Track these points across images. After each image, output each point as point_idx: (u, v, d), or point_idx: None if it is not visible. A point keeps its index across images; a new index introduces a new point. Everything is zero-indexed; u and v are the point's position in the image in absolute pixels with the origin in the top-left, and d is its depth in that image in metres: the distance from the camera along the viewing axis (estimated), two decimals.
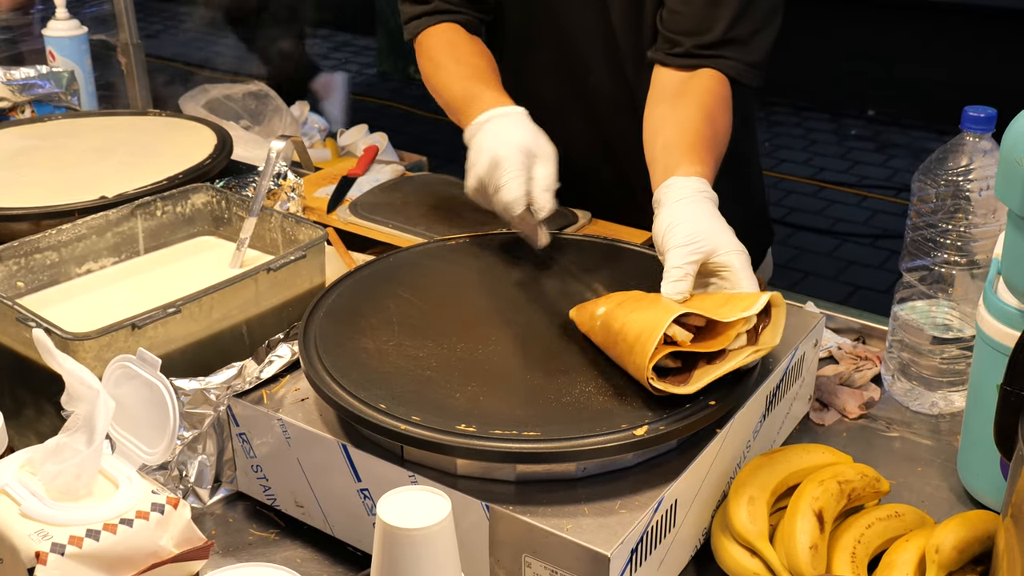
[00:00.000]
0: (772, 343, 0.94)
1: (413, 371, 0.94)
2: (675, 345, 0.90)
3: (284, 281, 1.10)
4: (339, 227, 1.50)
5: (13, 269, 1.11)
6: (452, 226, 1.46)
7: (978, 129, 1.09)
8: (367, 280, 1.10)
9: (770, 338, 0.94)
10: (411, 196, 1.57)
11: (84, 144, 1.50)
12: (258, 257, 1.21)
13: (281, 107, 1.98)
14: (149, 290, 1.15)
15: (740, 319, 0.91)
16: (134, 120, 1.60)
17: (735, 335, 0.92)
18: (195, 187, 1.27)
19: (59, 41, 1.76)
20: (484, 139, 1.21)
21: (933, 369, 1.16)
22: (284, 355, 1.01)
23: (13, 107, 1.62)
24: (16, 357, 1.01)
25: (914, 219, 1.15)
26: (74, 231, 1.16)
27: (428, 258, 1.16)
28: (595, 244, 1.20)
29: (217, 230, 1.28)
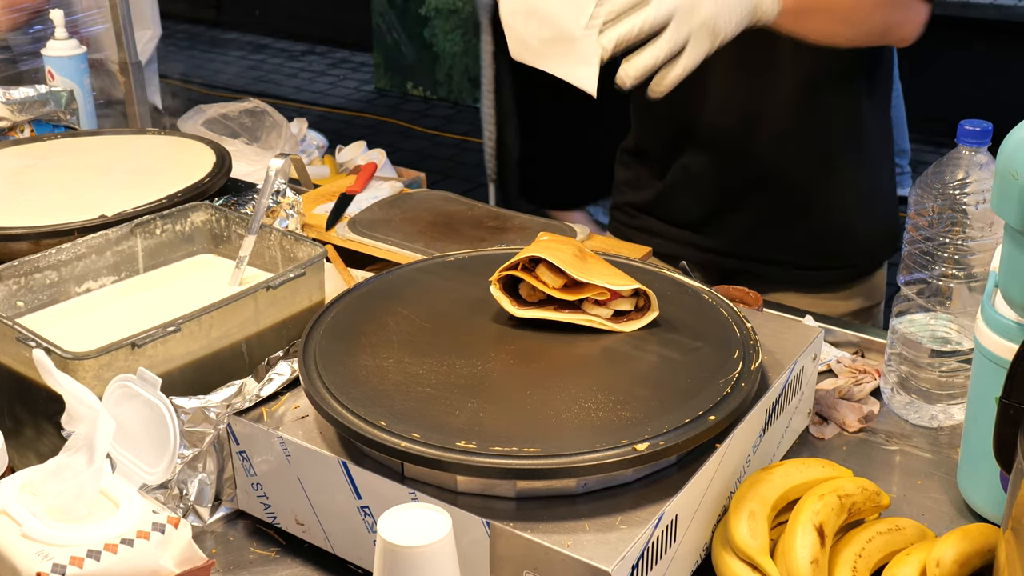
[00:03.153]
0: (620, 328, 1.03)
1: (413, 388, 0.94)
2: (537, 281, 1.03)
3: (283, 299, 1.10)
4: (338, 244, 1.51)
5: (13, 288, 1.12)
6: (451, 242, 1.47)
7: (974, 143, 1.09)
8: (366, 297, 1.10)
9: (627, 326, 1.04)
10: (409, 213, 1.57)
11: (83, 163, 1.51)
12: (257, 275, 1.22)
13: (279, 123, 1.98)
14: (149, 309, 1.15)
15: (594, 285, 1.02)
16: (133, 139, 1.61)
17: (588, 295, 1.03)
18: (194, 205, 1.28)
19: (58, 61, 1.76)
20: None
21: (932, 382, 1.16)
22: (284, 373, 1.02)
23: (12, 127, 1.63)
24: (16, 377, 1.01)
25: (911, 232, 1.15)
26: (74, 250, 1.16)
27: (427, 275, 1.16)
28: None
29: (216, 248, 1.29)
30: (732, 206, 1.55)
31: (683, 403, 0.91)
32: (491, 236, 1.50)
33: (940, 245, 1.12)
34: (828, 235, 1.55)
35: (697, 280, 1.16)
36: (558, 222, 1.55)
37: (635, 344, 1.01)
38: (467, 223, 1.54)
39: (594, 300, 1.04)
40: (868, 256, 1.60)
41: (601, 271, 1.05)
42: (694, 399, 0.92)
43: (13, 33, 1.99)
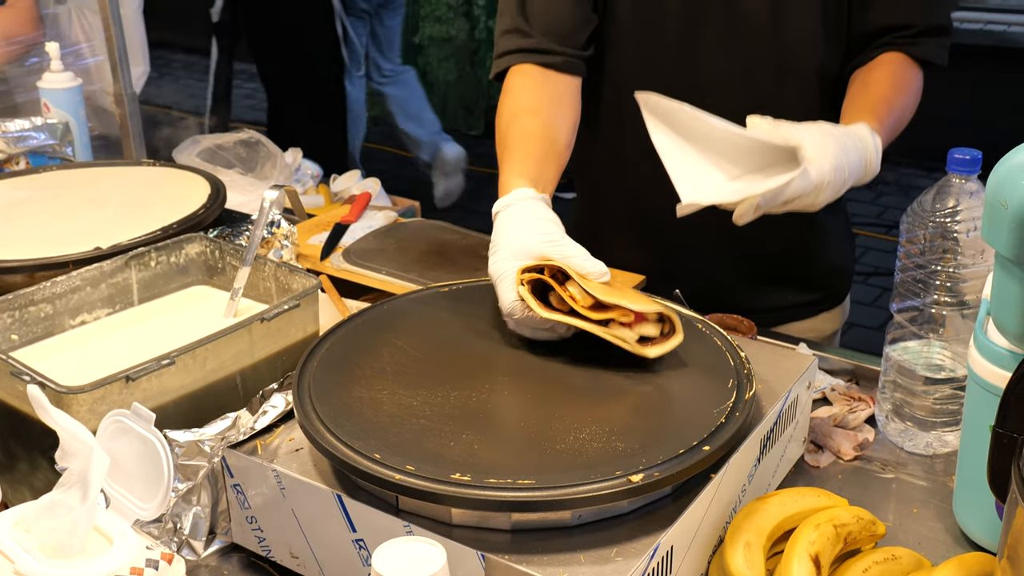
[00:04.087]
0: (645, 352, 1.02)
1: (407, 420, 0.94)
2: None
3: (278, 331, 1.10)
4: (333, 274, 1.51)
5: (8, 322, 1.12)
6: (445, 272, 1.47)
7: (964, 171, 1.10)
8: (361, 329, 1.10)
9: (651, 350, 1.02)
10: (404, 242, 1.58)
11: (78, 195, 1.51)
12: (252, 306, 1.22)
13: (274, 153, 1.99)
14: (143, 341, 1.15)
15: (620, 307, 1.01)
16: (128, 170, 1.61)
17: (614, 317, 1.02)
18: (189, 237, 1.28)
19: (54, 93, 1.77)
20: (495, 235, 1.18)
21: (926, 410, 1.16)
22: (278, 405, 1.01)
23: (8, 159, 1.63)
24: (9, 410, 1.01)
25: (903, 260, 1.16)
26: (69, 283, 1.17)
27: (422, 305, 1.16)
28: None
29: (211, 279, 1.29)
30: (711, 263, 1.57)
31: (677, 433, 0.91)
32: (485, 265, 1.48)
33: (932, 273, 1.12)
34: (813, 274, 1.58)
35: (690, 308, 1.16)
36: None
37: (629, 374, 1.01)
38: (461, 252, 1.54)
39: (619, 322, 1.02)
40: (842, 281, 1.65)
41: (627, 295, 1.04)
42: (688, 429, 0.92)
43: (9, 65, 2.00)
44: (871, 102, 1.34)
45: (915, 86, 1.39)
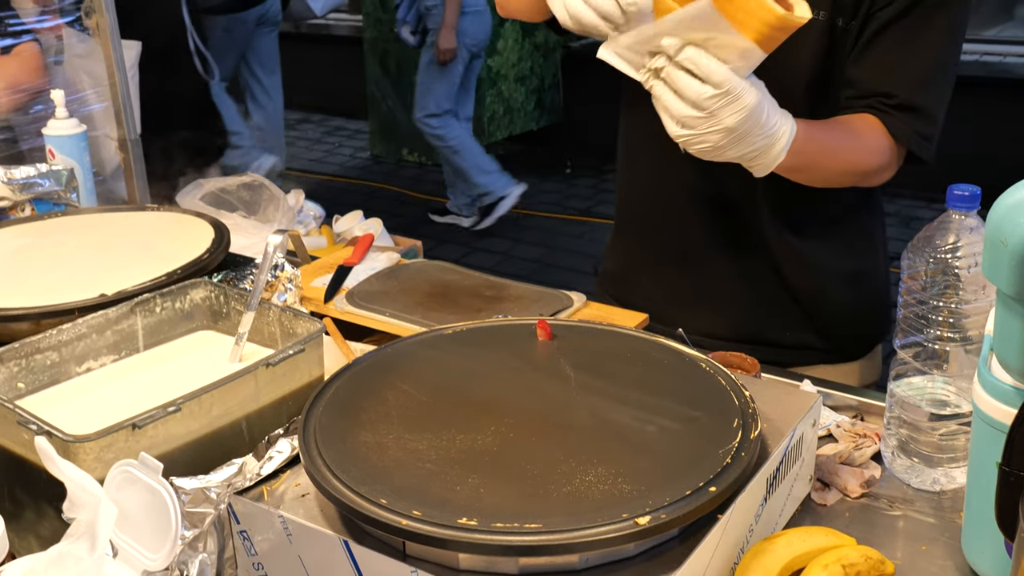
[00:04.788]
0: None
1: (413, 464, 0.94)
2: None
3: (283, 375, 1.11)
4: (336, 317, 1.52)
5: (14, 370, 1.12)
6: (448, 313, 1.48)
7: (963, 207, 1.11)
8: (365, 372, 1.11)
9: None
10: (407, 283, 1.58)
11: (83, 241, 1.52)
12: (257, 351, 1.22)
13: (276, 196, 2.00)
14: (149, 388, 1.16)
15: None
16: (132, 216, 1.62)
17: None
18: (193, 283, 1.29)
19: (58, 140, 1.78)
20: None
21: (932, 446, 1.16)
22: (284, 450, 1.02)
23: (13, 205, 1.64)
24: (16, 459, 1.01)
25: (905, 296, 1.16)
26: (74, 331, 1.17)
27: (426, 348, 1.16)
28: (592, 330, 1.21)
29: (216, 324, 1.29)
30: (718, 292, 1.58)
31: (683, 474, 0.91)
32: (488, 305, 1.50)
33: (934, 308, 1.13)
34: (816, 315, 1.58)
35: (694, 347, 1.16)
36: (554, 290, 1.56)
37: (634, 415, 1.02)
38: (464, 293, 1.55)
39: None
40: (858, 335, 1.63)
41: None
42: (694, 470, 0.92)
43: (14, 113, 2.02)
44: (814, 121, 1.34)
45: (869, 141, 1.38)
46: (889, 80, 1.38)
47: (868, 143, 1.39)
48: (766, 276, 1.55)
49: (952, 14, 1.38)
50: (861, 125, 1.40)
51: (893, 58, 1.38)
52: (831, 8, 1.38)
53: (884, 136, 1.39)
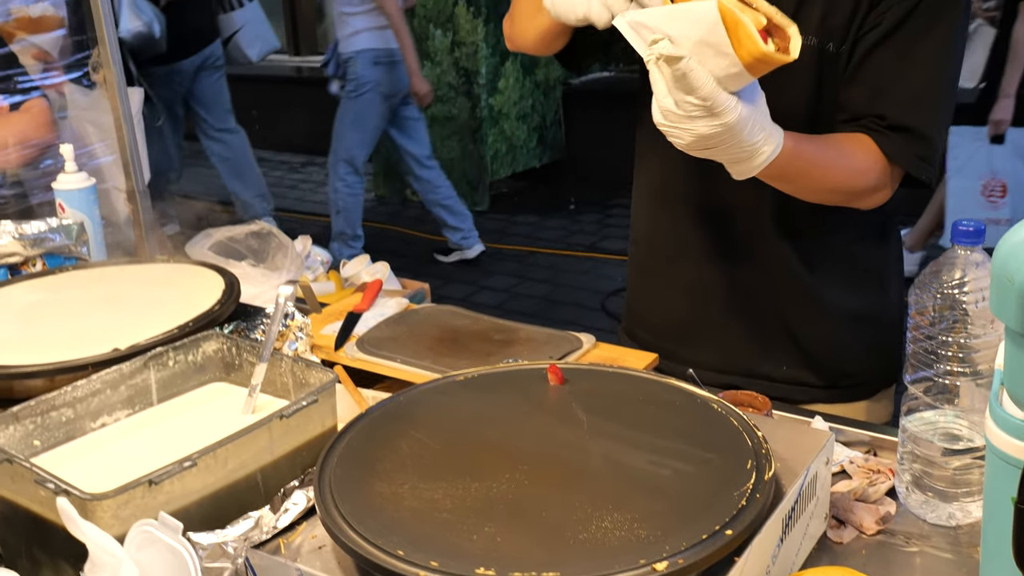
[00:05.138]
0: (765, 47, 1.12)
1: (429, 514, 0.95)
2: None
3: (297, 427, 1.11)
4: (347, 364, 1.52)
5: (30, 428, 1.13)
6: (459, 358, 1.48)
7: (968, 242, 1.11)
8: (378, 422, 1.11)
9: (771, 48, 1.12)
10: (417, 329, 1.59)
11: (94, 295, 1.53)
12: (270, 402, 1.23)
13: (285, 244, 2.01)
14: (164, 442, 1.16)
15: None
16: (142, 268, 1.64)
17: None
18: (206, 335, 1.29)
19: (68, 194, 1.80)
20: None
21: (947, 480, 1.16)
22: (300, 502, 1.02)
23: (25, 261, 1.66)
24: (33, 518, 1.01)
25: (913, 332, 1.16)
26: (89, 387, 1.18)
27: (438, 395, 1.17)
28: (603, 373, 1.21)
29: (228, 376, 1.30)
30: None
31: (699, 518, 0.91)
32: (497, 349, 1.51)
33: (943, 344, 1.13)
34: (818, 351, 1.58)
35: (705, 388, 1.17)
36: (563, 332, 1.56)
37: (648, 458, 1.02)
38: (473, 337, 1.56)
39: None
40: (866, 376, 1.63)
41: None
42: (710, 513, 0.92)
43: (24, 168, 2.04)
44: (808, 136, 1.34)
45: (859, 162, 1.38)
46: (879, 101, 1.38)
47: (858, 163, 1.38)
48: (769, 311, 1.56)
49: (944, 32, 1.37)
50: (853, 144, 1.39)
51: (883, 79, 1.38)
52: (820, 33, 1.39)
53: (876, 156, 1.38)
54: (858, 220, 1.49)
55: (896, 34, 1.36)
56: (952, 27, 1.37)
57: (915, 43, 1.36)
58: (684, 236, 1.57)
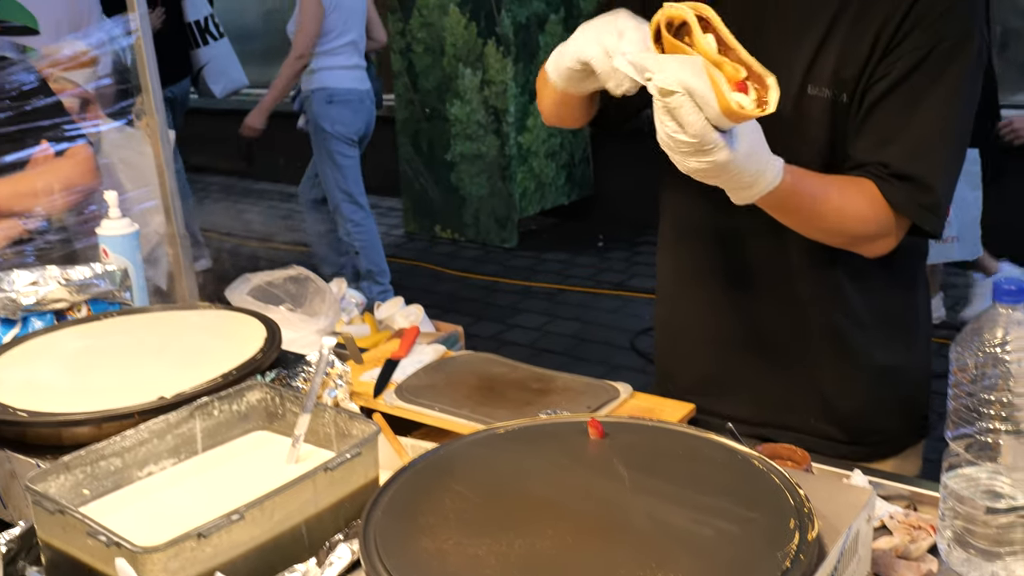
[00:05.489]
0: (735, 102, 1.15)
1: (474, 571, 0.95)
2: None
3: (341, 479, 1.13)
4: (386, 411, 1.54)
5: (80, 477, 1.15)
6: (497, 407, 1.50)
7: (1010, 301, 1.12)
8: (421, 475, 1.12)
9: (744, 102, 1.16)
10: (454, 377, 1.61)
11: (139, 341, 1.56)
12: (312, 451, 1.24)
13: (322, 288, 2.03)
14: (210, 491, 1.18)
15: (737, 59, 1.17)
16: (185, 315, 1.66)
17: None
18: (249, 385, 1.31)
19: (112, 240, 1.84)
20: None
21: (989, 538, 1.15)
22: (344, 556, 1.03)
23: (70, 307, 1.69)
24: (82, 567, 1.03)
25: (954, 389, 1.16)
26: (137, 436, 1.20)
27: (479, 448, 1.18)
28: (643, 427, 1.22)
29: (271, 425, 1.32)
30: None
31: None
32: (535, 399, 1.52)
33: (985, 401, 1.13)
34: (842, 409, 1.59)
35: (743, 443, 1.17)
36: (600, 381, 1.57)
37: (691, 516, 1.02)
38: (511, 386, 1.57)
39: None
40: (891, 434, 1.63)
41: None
42: (753, 574, 0.92)
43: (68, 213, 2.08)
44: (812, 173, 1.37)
45: (861, 208, 1.39)
46: (884, 150, 1.39)
47: (859, 208, 1.39)
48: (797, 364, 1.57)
49: (953, 79, 1.37)
50: (856, 188, 1.39)
51: (889, 128, 1.39)
52: (833, 85, 1.41)
53: (880, 203, 1.39)
54: (886, 270, 1.49)
55: (905, 83, 1.37)
56: (962, 74, 1.38)
57: (924, 91, 1.37)
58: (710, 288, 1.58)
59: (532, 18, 6.28)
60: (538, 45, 6.35)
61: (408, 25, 6.51)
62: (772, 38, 1.44)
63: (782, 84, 1.20)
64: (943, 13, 1.36)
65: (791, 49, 1.43)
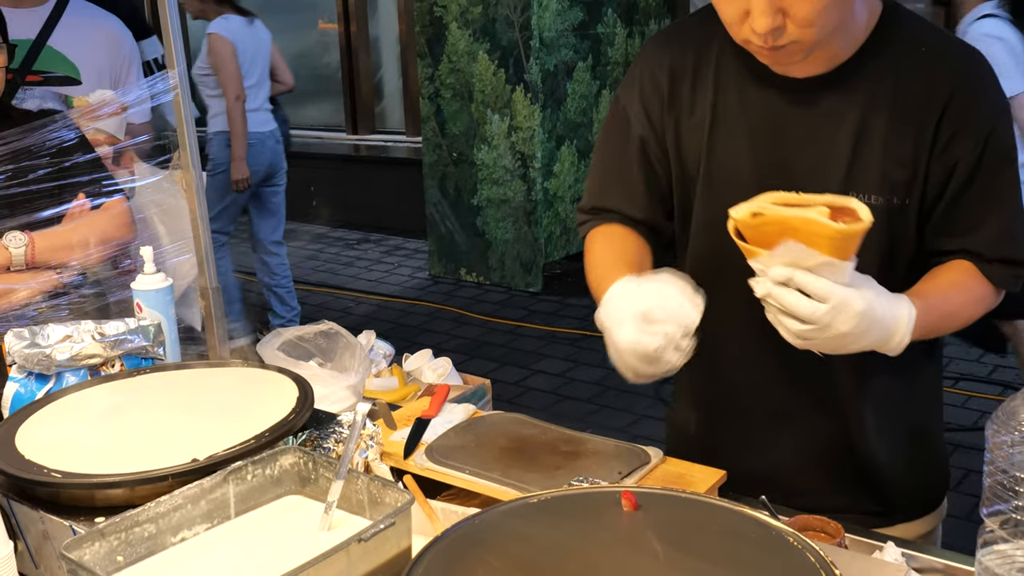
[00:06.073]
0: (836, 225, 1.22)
1: None
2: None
3: (374, 549, 1.13)
4: (416, 472, 1.54)
5: (114, 544, 1.15)
6: (527, 470, 1.49)
7: None
8: (454, 546, 1.12)
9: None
10: (484, 438, 1.61)
11: (172, 399, 1.57)
12: (345, 517, 1.25)
13: (352, 343, 2.05)
14: (243, 558, 1.18)
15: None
16: (217, 372, 1.67)
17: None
18: (283, 450, 1.32)
19: (146, 294, 1.86)
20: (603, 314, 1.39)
21: None
22: None
23: (104, 362, 1.70)
24: None
25: (990, 467, 1.16)
26: (171, 502, 1.21)
27: (512, 519, 1.18)
28: (677, 499, 1.21)
29: (303, 489, 1.32)
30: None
31: None
32: (565, 462, 1.52)
33: (1020, 480, 1.12)
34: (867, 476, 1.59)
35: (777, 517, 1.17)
36: (631, 445, 1.57)
37: None
38: (541, 448, 1.57)
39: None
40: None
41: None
42: None
43: (102, 266, 2.11)
44: (925, 287, 1.41)
45: (977, 292, 1.44)
46: (972, 241, 1.43)
47: (976, 293, 1.45)
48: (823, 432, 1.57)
49: (1012, 160, 1.43)
50: (965, 278, 1.44)
51: (971, 221, 1.42)
52: (883, 191, 1.43)
53: (984, 283, 1.44)
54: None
55: (976, 179, 1.41)
56: (1015, 154, 1.44)
57: (992, 181, 1.41)
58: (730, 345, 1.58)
59: (560, 65, 6.34)
60: (565, 92, 6.40)
61: (437, 71, 6.58)
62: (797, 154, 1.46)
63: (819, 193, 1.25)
64: (983, 103, 1.41)
65: (822, 160, 1.45)
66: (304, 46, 9.28)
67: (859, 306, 1.25)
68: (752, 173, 1.47)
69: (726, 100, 1.49)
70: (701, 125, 1.51)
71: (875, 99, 1.41)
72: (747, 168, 1.48)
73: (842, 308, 1.24)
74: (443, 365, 2.48)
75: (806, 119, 1.45)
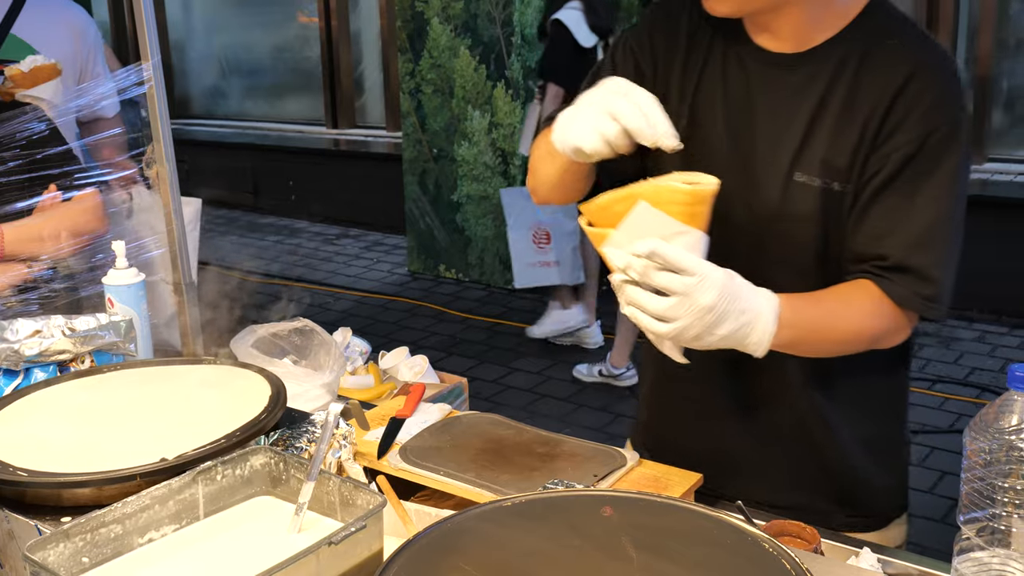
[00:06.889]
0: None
1: None
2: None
3: (345, 552, 1.11)
4: (390, 473, 1.52)
5: (79, 545, 1.13)
6: (502, 471, 1.48)
7: None
8: (426, 551, 1.11)
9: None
10: (459, 439, 1.59)
11: (142, 396, 1.54)
12: (316, 519, 1.23)
13: (326, 341, 2.02)
14: (211, 560, 1.16)
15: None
16: (189, 369, 1.65)
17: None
18: (253, 450, 1.30)
19: (118, 289, 1.83)
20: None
21: None
22: None
23: (74, 358, 1.67)
24: None
25: (967, 473, 1.15)
26: (139, 502, 1.18)
27: (486, 523, 1.16)
28: (653, 504, 1.20)
29: (274, 490, 1.30)
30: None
31: None
32: (541, 464, 1.51)
33: (997, 488, 1.12)
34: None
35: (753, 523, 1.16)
36: (607, 448, 1.56)
37: None
38: (517, 450, 1.56)
39: None
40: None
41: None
42: None
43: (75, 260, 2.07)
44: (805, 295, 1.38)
45: (866, 305, 1.39)
46: (881, 244, 1.39)
47: (864, 309, 1.40)
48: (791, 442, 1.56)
49: (946, 173, 1.38)
50: (855, 292, 1.40)
51: (885, 223, 1.39)
52: (823, 174, 1.42)
53: (883, 300, 1.39)
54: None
55: (899, 178, 1.38)
56: (954, 166, 1.39)
57: (918, 185, 1.38)
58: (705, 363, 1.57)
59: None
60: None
61: (418, 66, 6.55)
62: (760, 126, 1.47)
63: (769, 169, 1.24)
64: (932, 104, 1.38)
65: (778, 135, 1.45)
66: (284, 40, 9.23)
67: (719, 276, 1.23)
68: (722, 138, 1.48)
69: (712, 66, 1.51)
70: (687, 88, 1.52)
71: (835, 84, 1.42)
72: (719, 133, 1.49)
73: (704, 276, 1.22)
74: (419, 363, 2.47)
75: (773, 93, 1.46)
